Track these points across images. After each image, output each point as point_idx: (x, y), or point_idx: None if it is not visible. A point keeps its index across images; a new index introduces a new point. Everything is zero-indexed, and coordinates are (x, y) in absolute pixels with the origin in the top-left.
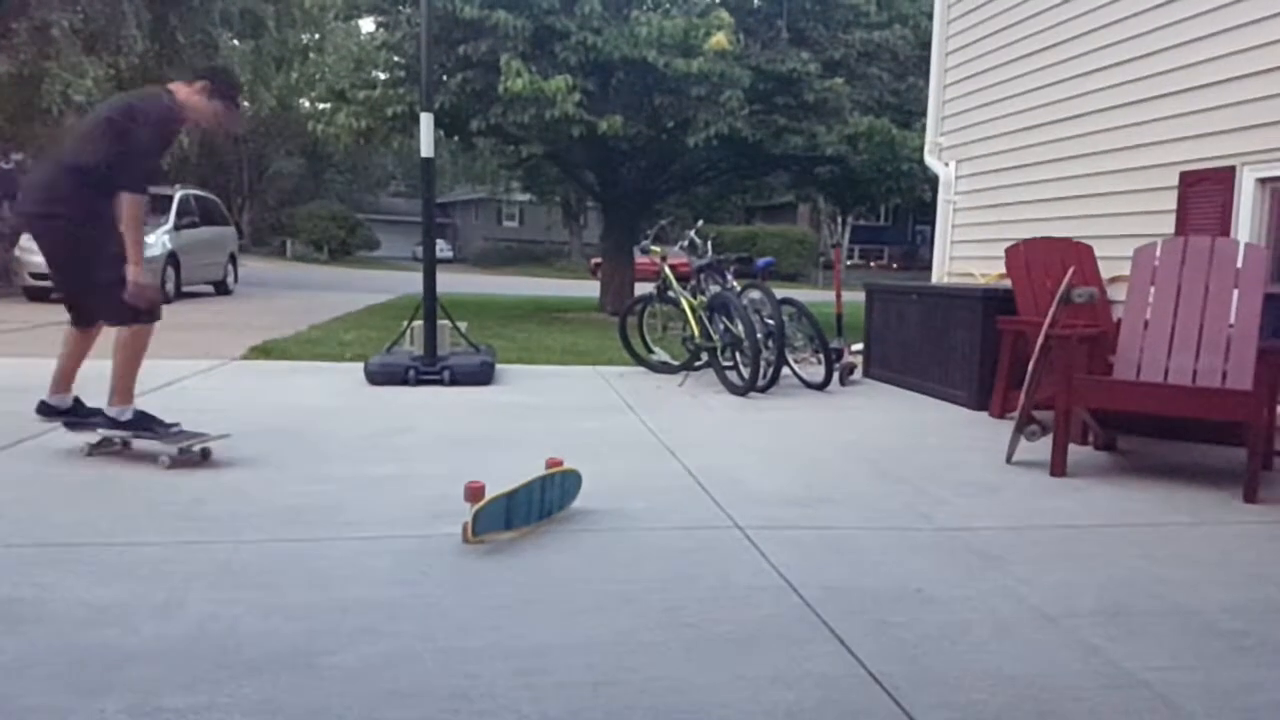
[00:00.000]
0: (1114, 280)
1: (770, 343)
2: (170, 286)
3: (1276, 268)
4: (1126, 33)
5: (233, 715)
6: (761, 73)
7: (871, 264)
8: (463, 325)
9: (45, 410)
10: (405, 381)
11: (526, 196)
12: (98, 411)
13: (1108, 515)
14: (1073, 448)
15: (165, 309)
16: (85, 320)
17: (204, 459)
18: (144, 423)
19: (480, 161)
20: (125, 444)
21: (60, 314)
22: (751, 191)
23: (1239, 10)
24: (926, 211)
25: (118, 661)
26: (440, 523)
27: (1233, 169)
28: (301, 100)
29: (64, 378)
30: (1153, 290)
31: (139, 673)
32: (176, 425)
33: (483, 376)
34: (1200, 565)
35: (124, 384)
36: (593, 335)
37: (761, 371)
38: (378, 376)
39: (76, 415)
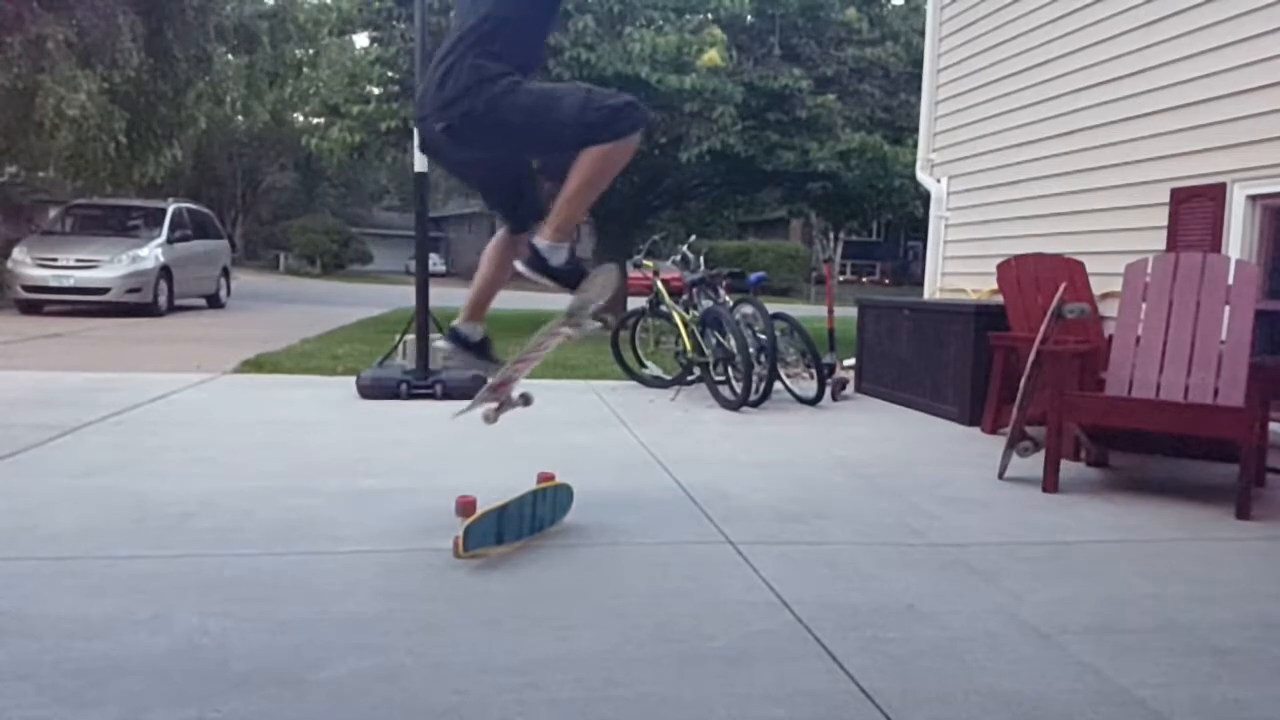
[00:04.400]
0: (1106, 296)
1: (762, 357)
2: (163, 299)
3: (1267, 284)
4: (1118, 50)
5: None
6: (754, 89)
7: (863, 279)
8: None
9: (455, 339)
10: (397, 395)
11: None
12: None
13: (1100, 531)
14: (1065, 464)
15: (156, 323)
16: (531, 212)
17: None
18: (575, 265)
19: None
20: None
21: (53, 326)
22: (744, 207)
23: (1230, 28)
24: (918, 227)
25: (106, 675)
26: (432, 537)
27: (1223, 186)
28: (296, 115)
29: (482, 302)
30: (1144, 306)
31: (127, 686)
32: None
33: (475, 390)
34: (1193, 582)
35: (572, 213)
36: (585, 349)
37: (754, 386)
38: (370, 390)
39: (483, 355)
